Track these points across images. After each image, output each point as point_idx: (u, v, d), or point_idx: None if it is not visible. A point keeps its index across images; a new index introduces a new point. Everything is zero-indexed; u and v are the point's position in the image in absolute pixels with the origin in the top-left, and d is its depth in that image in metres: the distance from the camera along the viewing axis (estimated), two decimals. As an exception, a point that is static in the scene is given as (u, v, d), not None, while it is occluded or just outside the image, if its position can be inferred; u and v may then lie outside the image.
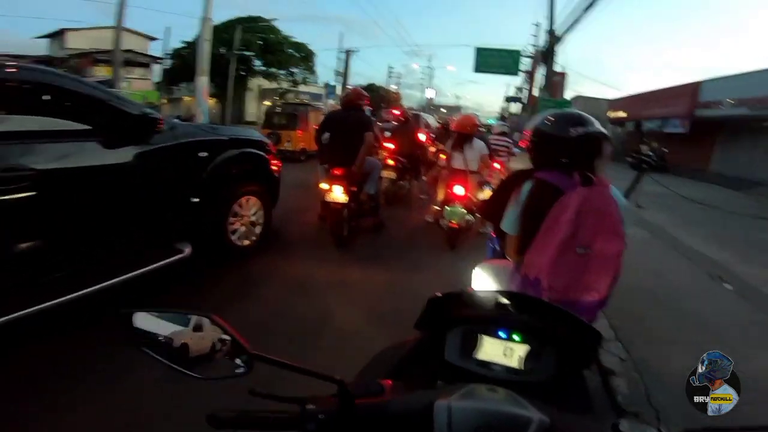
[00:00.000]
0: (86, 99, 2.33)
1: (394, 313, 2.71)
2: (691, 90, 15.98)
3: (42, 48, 21.34)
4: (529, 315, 0.80)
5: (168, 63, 22.10)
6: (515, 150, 6.13)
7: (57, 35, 21.59)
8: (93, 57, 17.26)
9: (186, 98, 23.79)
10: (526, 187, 1.49)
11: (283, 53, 22.70)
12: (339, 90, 25.78)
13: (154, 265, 2.58)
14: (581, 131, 1.44)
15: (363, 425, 0.56)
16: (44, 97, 2.14)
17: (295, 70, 23.83)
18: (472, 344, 0.79)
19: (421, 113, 13.25)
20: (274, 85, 23.63)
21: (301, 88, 25.15)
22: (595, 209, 1.35)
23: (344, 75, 26.28)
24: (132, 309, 0.62)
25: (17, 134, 1.97)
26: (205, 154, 3.04)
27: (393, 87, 41.02)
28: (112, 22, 12.02)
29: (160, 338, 0.61)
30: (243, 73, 22.24)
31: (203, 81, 10.06)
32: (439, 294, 0.82)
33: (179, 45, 22.17)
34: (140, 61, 19.51)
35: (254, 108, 25.78)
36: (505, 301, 0.82)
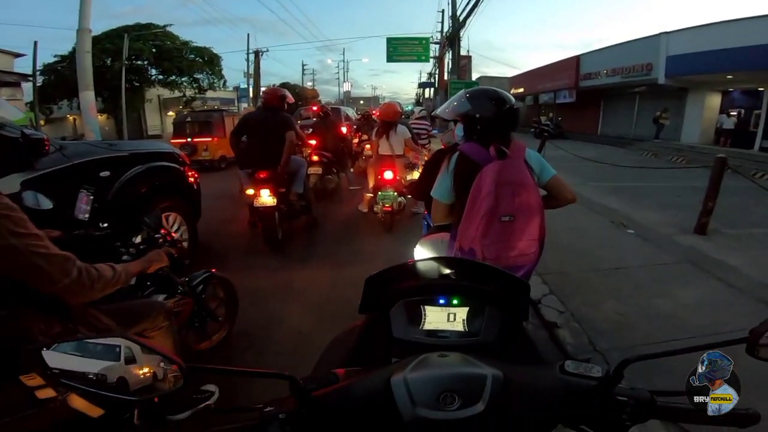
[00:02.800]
0: None
1: (344, 304, 2.73)
2: (574, 63, 18.05)
3: None
4: (463, 278, 0.83)
5: (40, 80, 19.09)
6: (434, 131, 6.43)
7: None
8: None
9: (71, 117, 20.89)
10: (454, 158, 1.59)
11: (183, 59, 20.89)
12: (251, 92, 24.61)
13: None
14: (499, 108, 1.56)
15: (325, 416, 0.56)
16: None
17: (199, 75, 22.12)
18: (417, 316, 0.80)
19: (341, 107, 13.22)
20: (177, 93, 21.72)
21: (210, 93, 23.50)
22: (511, 181, 1.48)
23: (255, 77, 25.09)
24: (39, 344, 0.56)
25: None
26: (106, 173, 2.74)
27: (309, 84, 40.34)
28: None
29: (90, 375, 0.56)
30: (137, 84, 20.11)
31: (88, 96, 8.94)
32: (374, 273, 0.82)
33: (52, 59, 19.31)
34: (6, 80, 16.57)
35: (156, 120, 23.55)
36: (438, 268, 0.84)
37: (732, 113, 13.17)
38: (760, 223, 4.70)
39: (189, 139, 9.50)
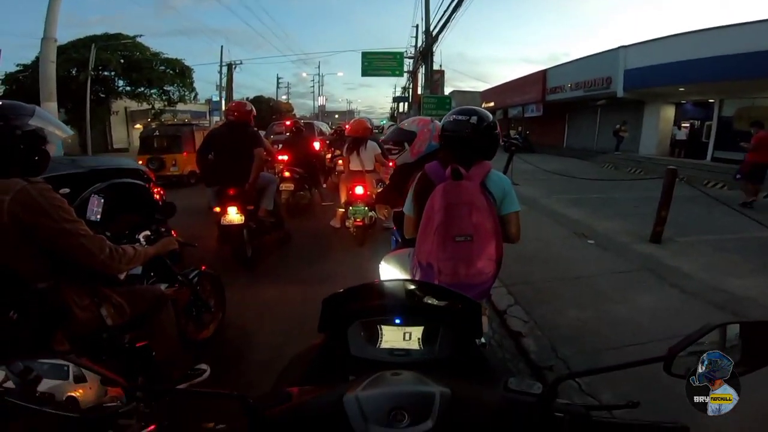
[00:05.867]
0: None
1: (315, 320, 2.71)
2: (541, 77, 18.67)
3: None
4: (418, 298, 0.87)
5: (0, 90, 18.24)
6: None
7: None
8: None
9: (32, 130, 19.91)
10: (418, 175, 1.67)
11: (153, 71, 20.33)
12: (224, 105, 24.31)
13: None
14: (464, 128, 1.62)
15: None
16: None
17: (169, 88, 21.60)
18: (375, 335, 0.84)
19: (315, 121, 13.25)
20: (145, 105, 21.11)
21: (180, 106, 22.97)
22: (463, 203, 1.51)
23: (228, 90, 24.80)
24: None
25: None
26: (66, 190, 2.68)
27: (283, 98, 40.20)
28: None
29: (36, 394, 0.56)
30: (102, 95, 19.43)
31: (50, 107, 8.60)
32: (332, 294, 0.86)
33: (13, 68, 18.47)
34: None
35: (122, 133, 22.76)
36: (395, 289, 0.88)
37: (684, 125, 13.89)
38: (710, 231, 4.98)
39: (157, 154, 9.27)
